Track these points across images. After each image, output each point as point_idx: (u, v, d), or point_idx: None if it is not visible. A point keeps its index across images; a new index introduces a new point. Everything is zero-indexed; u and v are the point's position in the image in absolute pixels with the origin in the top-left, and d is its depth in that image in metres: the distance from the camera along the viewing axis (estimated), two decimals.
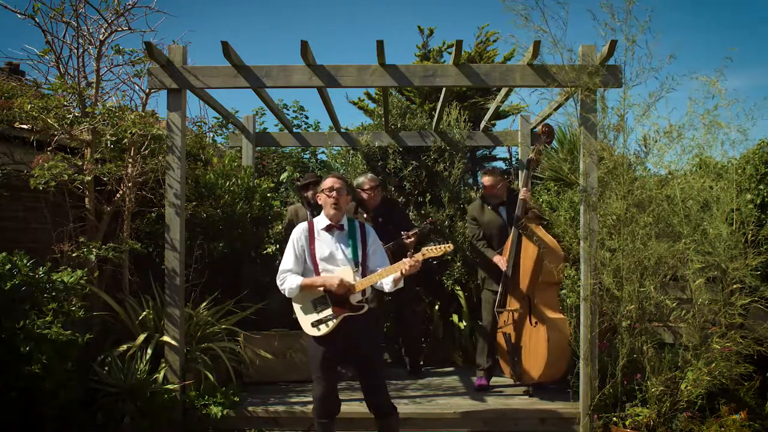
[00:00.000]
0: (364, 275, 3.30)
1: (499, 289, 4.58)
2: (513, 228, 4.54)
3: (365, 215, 5.06)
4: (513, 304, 4.58)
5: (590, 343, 3.99)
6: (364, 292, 3.32)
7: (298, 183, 5.54)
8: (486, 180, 4.84)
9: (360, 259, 3.32)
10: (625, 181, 3.88)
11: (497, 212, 4.80)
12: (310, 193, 5.25)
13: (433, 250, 3.19)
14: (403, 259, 3.18)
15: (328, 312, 3.25)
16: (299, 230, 3.39)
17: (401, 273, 3.19)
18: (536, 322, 4.40)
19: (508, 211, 4.75)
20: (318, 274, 3.32)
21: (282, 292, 3.36)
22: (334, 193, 3.32)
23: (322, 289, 3.25)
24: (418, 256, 3.17)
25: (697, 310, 3.75)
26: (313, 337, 3.30)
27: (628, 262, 3.82)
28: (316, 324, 3.27)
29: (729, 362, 3.63)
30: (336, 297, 3.24)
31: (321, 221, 3.39)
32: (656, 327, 4.01)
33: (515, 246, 4.50)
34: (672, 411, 3.67)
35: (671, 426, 3.65)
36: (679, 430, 3.63)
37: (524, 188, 4.56)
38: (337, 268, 3.31)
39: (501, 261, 4.58)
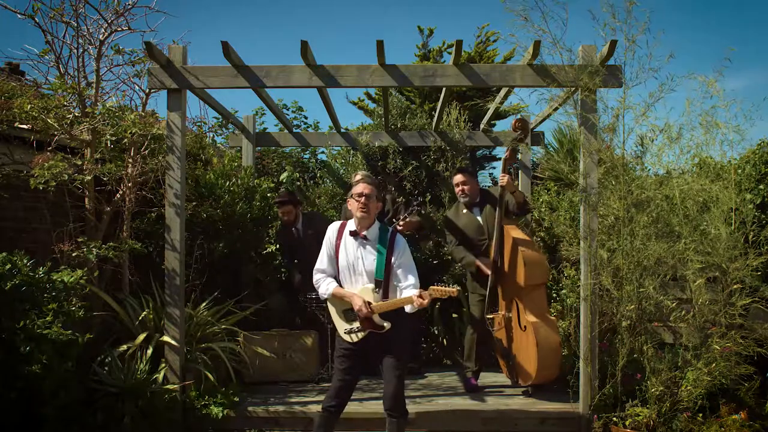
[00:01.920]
0: (385, 293, 3.33)
1: (487, 293, 4.57)
2: (495, 228, 4.52)
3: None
4: (502, 308, 4.59)
5: (590, 343, 3.99)
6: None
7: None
8: (456, 178, 4.80)
9: (383, 277, 3.30)
10: (625, 181, 3.88)
11: (471, 214, 4.78)
12: (279, 213, 5.44)
13: (438, 291, 3.19)
14: (413, 296, 3.18)
15: (357, 324, 3.35)
16: (331, 230, 3.47)
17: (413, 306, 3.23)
18: (525, 326, 4.39)
19: (482, 212, 4.74)
20: (339, 276, 3.43)
21: (318, 291, 3.50)
22: (362, 199, 3.29)
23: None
24: (426, 295, 3.16)
25: (697, 310, 3.75)
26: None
27: (627, 262, 3.82)
28: (348, 332, 3.37)
29: (729, 362, 3.63)
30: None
31: (350, 225, 3.41)
32: (656, 327, 4.01)
33: (498, 245, 4.50)
34: (672, 411, 3.68)
35: (671, 426, 3.65)
36: (679, 430, 3.63)
37: (502, 174, 4.50)
38: (355, 282, 3.36)
39: (484, 265, 4.56)
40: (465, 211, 4.80)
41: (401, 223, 4.83)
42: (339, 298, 3.40)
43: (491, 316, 4.61)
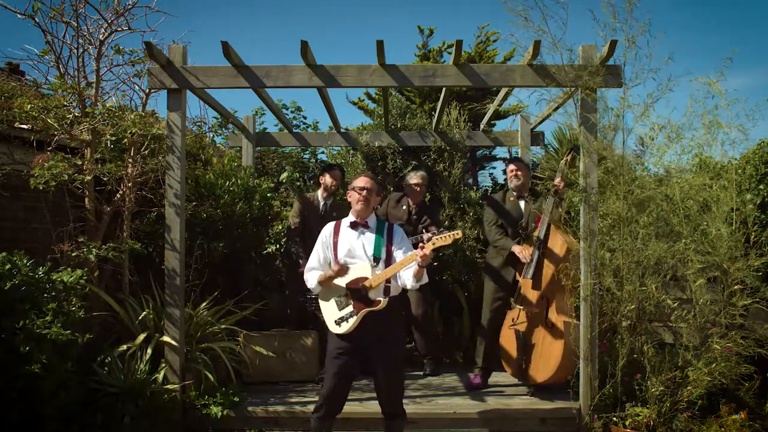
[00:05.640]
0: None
1: (518, 286, 4.58)
2: (534, 249, 4.48)
3: (404, 207, 5.27)
4: (530, 302, 4.55)
5: (590, 343, 3.99)
6: (388, 290, 3.34)
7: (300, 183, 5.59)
8: (511, 166, 4.88)
9: (383, 257, 3.37)
10: (625, 181, 3.88)
11: (517, 203, 4.83)
12: (326, 178, 5.29)
13: (442, 239, 3.21)
14: (415, 251, 3.21)
15: (349, 309, 3.31)
16: (327, 228, 3.52)
17: (418, 265, 3.21)
18: (552, 324, 4.38)
19: (527, 204, 4.79)
20: None
21: (308, 286, 3.50)
22: (364, 192, 3.42)
23: (343, 285, 3.35)
24: (428, 246, 3.19)
25: (697, 310, 3.75)
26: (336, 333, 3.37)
27: (628, 262, 3.82)
28: (338, 322, 3.33)
29: (729, 363, 3.63)
30: (356, 294, 3.30)
31: (348, 218, 3.50)
32: (656, 327, 4.00)
33: (543, 241, 4.46)
34: (672, 411, 3.68)
35: (671, 426, 3.65)
36: (679, 430, 3.63)
37: (558, 179, 4.46)
38: (356, 264, 3.37)
39: (523, 252, 4.52)
40: (513, 198, 4.87)
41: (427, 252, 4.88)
42: (328, 286, 3.39)
43: (515, 306, 4.60)
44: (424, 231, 4.98)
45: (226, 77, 4.19)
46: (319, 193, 5.40)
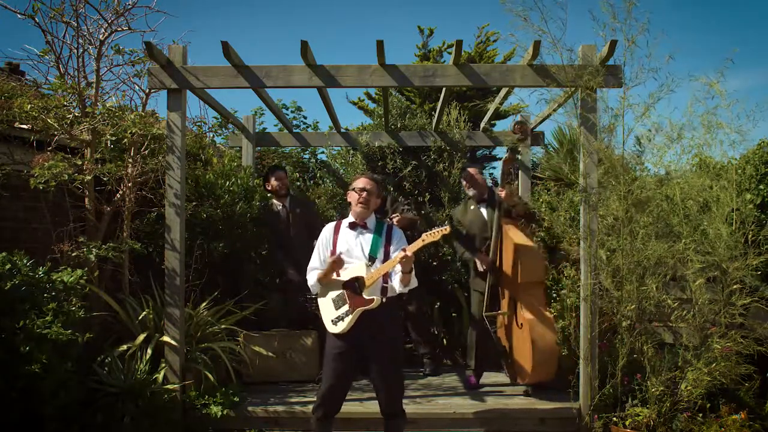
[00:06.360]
0: None
1: (486, 291, 4.59)
2: (494, 228, 4.55)
3: None
4: (502, 306, 4.61)
5: (590, 343, 3.99)
6: (385, 290, 3.34)
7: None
8: (465, 174, 4.90)
9: (380, 257, 3.36)
10: (625, 181, 3.88)
11: (479, 210, 4.83)
12: (272, 182, 5.43)
13: (430, 235, 3.22)
14: (398, 252, 3.22)
15: (345, 308, 3.32)
16: (327, 229, 3.53)
17: (402, 272, 3.23)
18: (522, 324, 4.41)
19: (489, 210, 4.78)
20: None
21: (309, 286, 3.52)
22: (364, 194, 3.42)
23: (339, 282, 3.36)
24: (417, 243, 3.20)
25: (697, 310, 3.75)
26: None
27: (627, 262, 3.82)
28: (335, 321, 3.34)
29: (729, 362, 3.63)
30: (351, 293, 3.31)
31: (348, 219, 3.51)
32: (656, 327, 4.01)
33: (497, 244, 4.54)
34: (672, 411, 3.68)
35: (671, 426, 3.65)
36: (679, 430, 3.63)
37: (500, 188, 4.56)
38: (353, 264, 3.37)
39: (481, 259, 4.60)
40: (473, 207, 4.86)
41: (396, 218, 4.88)
42: (325, 283, 3.41)
43: (493, 313, 4.62)
44: (389, 219, 5.02)
45: (226, 77, 4.20)
46: (274, 200, 5.44)
